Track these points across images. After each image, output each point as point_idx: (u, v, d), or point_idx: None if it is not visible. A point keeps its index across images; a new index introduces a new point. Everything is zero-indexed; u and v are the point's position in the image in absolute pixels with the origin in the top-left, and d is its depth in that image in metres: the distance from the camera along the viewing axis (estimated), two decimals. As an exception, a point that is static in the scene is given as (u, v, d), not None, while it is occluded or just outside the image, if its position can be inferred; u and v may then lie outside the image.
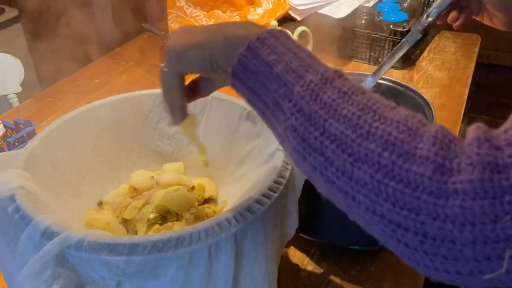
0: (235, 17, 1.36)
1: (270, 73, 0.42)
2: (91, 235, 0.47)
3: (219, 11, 1.35)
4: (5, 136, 0.99)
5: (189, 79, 0.53)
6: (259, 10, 1.36)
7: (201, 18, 1.33)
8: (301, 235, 0.81)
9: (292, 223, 0.61)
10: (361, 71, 1.33)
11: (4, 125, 1.00)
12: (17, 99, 1.45)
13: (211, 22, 1.32)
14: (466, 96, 1.25)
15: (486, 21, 0.82)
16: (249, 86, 0.44)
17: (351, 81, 0.41)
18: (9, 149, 0.95)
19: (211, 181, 0.75)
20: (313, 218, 0.74)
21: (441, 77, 1.33)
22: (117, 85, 1.35)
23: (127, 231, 0.66)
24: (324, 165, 0.39)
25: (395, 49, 0.84)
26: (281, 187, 0.55)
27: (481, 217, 0.32)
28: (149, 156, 0.78)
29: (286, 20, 1.39)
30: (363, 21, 1.39)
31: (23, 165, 0.60)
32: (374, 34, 1.36)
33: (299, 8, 1.37)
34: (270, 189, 0.54)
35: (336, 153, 0.38)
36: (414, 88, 0.86)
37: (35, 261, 0.47)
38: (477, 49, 1.48)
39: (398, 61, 1.30)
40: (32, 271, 0.47)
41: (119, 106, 0.74)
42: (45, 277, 0.46)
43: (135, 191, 0.71)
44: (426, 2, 1.46)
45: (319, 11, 1.37)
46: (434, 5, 0.80)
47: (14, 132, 1.00)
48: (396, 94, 0.88)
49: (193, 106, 0.75)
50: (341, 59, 1.42)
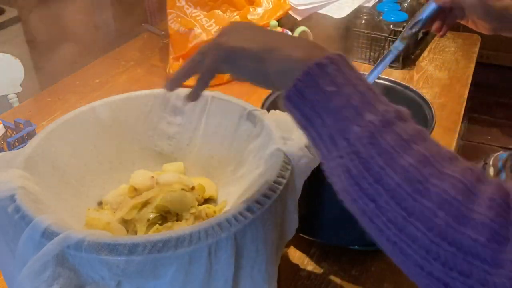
0: (235, 17, 1.36)
1: (327, 106, 0.41)
2: (91, 235, 0.47)
3: (219, 11, 1.35)
4: (5, 136, 0.99)
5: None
6: (259, 10, 1.36)
7: (201, 18, 1.32)
8: (301, 235, 0.81)
9: (292, 223, 0.61)
10: (361, 71, 1.33)
11: (4, 125, 1.00)
12: (17, 99, 1.45)
13: (211, 22, 1.32)
14: (466, 96, 1.25)
15: (471, 26, 0.82)
16: (303, 113, 0.43)
17: (412, 122, 0.40)
18: (9, 149, 0.95)
19: (211, 181, 0.75)
20: (313, 218, 0.74)
21: (441, 77, 1.33)
22: (117, 85, 1.35)
23: (127, 231, 0.66)
24: (375, 212, 0.38)
25: (379, 60, 0.83)
26: (281, 187, 0.55)
27: None
28: (149, 156, 0.78)
29: (286, 20, 1.39)
30: (363, 21, 1.39)
31: (23, 165, 0.60)
32: (374, 34, 1.36)
33: (299, 8, 1.37)
34: (270, 189, 0.54)
35: (389, 204, 0.37)
36: (414, 88, 0.86)
37: (35, 261, 0.47)
38: (477, 49, 1.48)
39: (398, 61, 1.30)
40: (32, 271, 0.47)
41: (119, 106, 0.74)
42: (45, 277, 0.46)
43: (135, 191, 0.71)
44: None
45: (319, 11, 1.37)
46: (418, 15, 0.80)
47: (14, 132, 1.00)
48: (396, 94, 0.88)
49: (193, 106, 0.75)
50: (341, 59, 1.42)
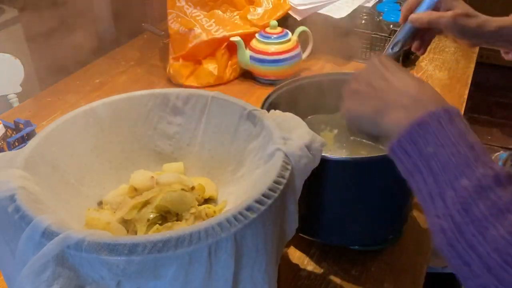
0: (235, 17, 1.36)
1: (427, 165, 0.44)
2: (91, 235, 0.47)
3: (219, 11, 1.35)
4: (5, 136, 0.99)
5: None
6: (259, 10, 1.36)
7: (201, 18, 1.32)
8: (301, 235, 0.81)
9: (292, 223, 0.61)
10: (361, 71, 1.33)
11: (4, 125, 1.00)
12: (17, 99, 1.45)
13: (211, 22, 1.32)
14: (466, 96, 1.25)
15: (451, 40, 0.83)
16: (406, 167, 0.47)
17: (510, 188, 0.41)
18: (9, 149, 0.95)
19: (211, 181, 0.75)
20: (313, 218, 0.74)
21: (441, 77, 1.33)
22: (117, 85, 1.35)
23: (127, 231, 0.66)
24: (468, 275, 0.40)
25: None
26: (281, 187, 0.55)
27: None
28: (149, 156, 0.78)
29: (286, 20, 1.39)
30: (363, 21, 1.39)
31: (23, 165, 0.60)
32: (374, 34, 1.36)
33: (299, 8, 1.37)
34: (270, 189, 0.54)
35: (481, 270, 0.39)
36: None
37: (35, 261, 0.47)
38: (477, 49, 1.48)
39: (398, 61, 1.30)
40: (32, 271, 0.47)
41: (119, 106, 0.74)
42: (45, 277, 0.46)
43: (135, 191, 0.71)
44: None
45: (319, 11, 1.37)
46: (396, 36, 0.81)
47: (14, 132, 1.01)
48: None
49: (193, 106, 0.75)
50: (341, 59, 1.42)
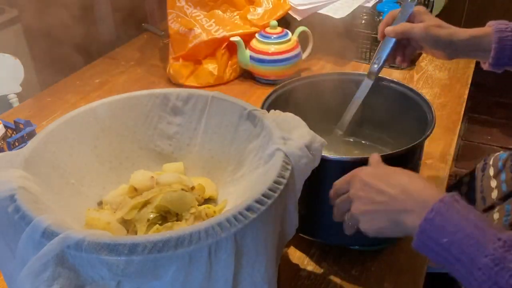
0: (235, 17, 1.36)
1: (448, 255, 0.51)
2: (91, 235, 0.47)
3: (219, 11, 1.35)
4: (5, 136, 0.99)
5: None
6: (259, 10, 1.36)
7: (201, 18, 1.32)
8: (301, 235, 0.81)
9: (292, 223, 0.61)
10: (361, 71, 1.33)
11: (4, 125, 1.00)
12: (17, 99, 1.45)
13: (211, 22, 1.32)
14: (466, 96, 1.25)
15: (430, 55, 0.88)
16: (435, 259, 0.52)
17: None
18: (9, 149, 0.95)
19: (211, 181, 0.75)
20: (313, 218, 0.74)
21: (441, 77, 1.33)
22: (117, 85, 1.35)
23: (127, 231, 0.66)
24: None
25: (353, 98, 0.88)
26: (281, 187, 0.55)
27: None
28: (149, 156, 0.78)
29: (286, 20, 1.39)
30: (363, 21, 1.39)
31: (23, 165, 0.60)
32: (374, 34, 1.36)
33: (299, 8, 1.37)
34: (270, 189, 0.54)
35: None
36: (414, 89, 0.86)
37: (35, 261, 0.47)
38: (477, 49, 1.48)
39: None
40: (32, 271, 0.47)
41: (119, 106, 0.74)
42: (45, 277, 0.46)
43: (135, 191, 0.71)
44: (426, 2, 1.46)
45: (319, 11, 1.37)
46: (377, 52, 0.87)
47: (14, 132, 1.01)
48: (396, 94, 0.88)
49: (193, 106, 0.75)
50: (341, 59, 1.42)
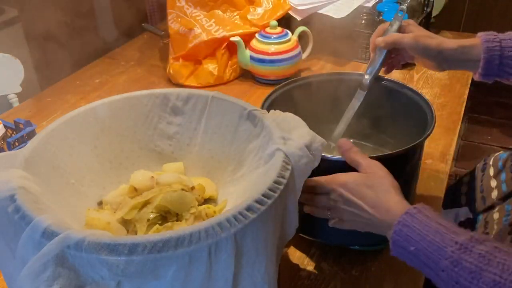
0: (235, 17, 1.36)
1: (417, 261, 0.57)
2: (91, 235, 0.47)
3: (219, 11, 1.35)
4: (5, 136, 0.99)
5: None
6: (259, 10, 1.36)
7: (201, 18, 1.32)
8: (301, 235, 0.81)
9: (292, 223, 0.61)
10: (361, 71, 1.33)
11: (4, 125, 1.00)
12: (17, 99, 1.45)
13: (211, 22, 1.32)
14: (466, 96, 1.25)
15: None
16: (408, 263, 0.59)
17: (480, 247, 0.53)
18: (9, 149, 0.95)
19: (211, 181, 0.75)
20: (313, 218, 0.74)
21: (441, 77, 1.33)
22: (117, 85, 1.35)
23: (127, 231, 0.66)
24: None
25: (346, 110, 0.88)
26: (281, 187, 0.55)
27: None
28: (149, 156, 0.78)
29: (286, 20, 1.39)
30: (363, 21, 1.39)
31: (23, 165, 0.60)
32: (374, 34, 1.36)
33: (299, 8, 1.37)
34: (270, 189, 0.54)
35: None
36: (414, 88, 0.86)
37: (35, 261, 0.47)
38: (477, 49, 1.48)
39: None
40: (32, 271, 0.47)
41: (119, 106, 0.74)
42: (45, 277, 0.46)
43: (135, 191, 0.71)
44: (426, 2, 1.46)
45: (319, 11, 1.37)
46: (370, 64, 0.88)
47: (14, 132, 1.01)
48: (396, 94, 0.88)
49: (193, 106, 0.75)
50: (341, 59, 1.42)
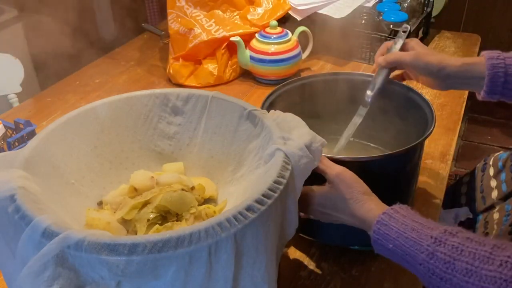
0: (235, 17, 1.36)
1: (397, 257, 0.59)
2: (91, 235, 0.47)
3: (219, 11, 1.35)
4: (5, 136, 0.99)
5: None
6: (259, 10, 1.36)
7: (201, 18, 1.32)
8: (301, 235, 0.81)
9: (292, 223, 0.61)
10: (361, 71, 1.33)
11: (4, 125, 1.00)
12: (17, 99, 1.45)
13: (211, 22, 1.32)
14: (466, 96, 1.25)
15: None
16: (391, 259, 0.61)
17: (454, 240, 0.54)
18: (9, 149, 0.95)
19: (211, 181, 0.75)
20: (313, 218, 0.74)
21: (441, 77, 1.33)
22: (117, 85, 1.35)
23: (127, 231, 0.66)
24: None
25: (347, 126, 0.88)
26: (281, 187, 0.55)
27: None
28: (149, 156, 0.78)
29: (286, 20, 1.39)
30: (363, 21, 1.39)
31: (23, 165, 0.60)
32: (374, 34, 1.36)
33: (299, 8, 1.37)
34: (270, 189, 0.54)
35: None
36: (414, 88, 0.86)
37: (35, 261, 0.47)
38: (477, 49, 1.48)
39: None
40: (32, 271, 0.47)
41: (119, 106, 0.75)
42: (45, 277, 0.46)
43: (135, 191, 0.71)
44: (426, 2, 1.46)
45: (319, 11, 1.37)
46: (372, 81, 0.88)
47: (14, 132, 1.00)
48: (396, 94, 0.88)
49: (193, 106, 0.75)
50: (341, 59, 1.42)
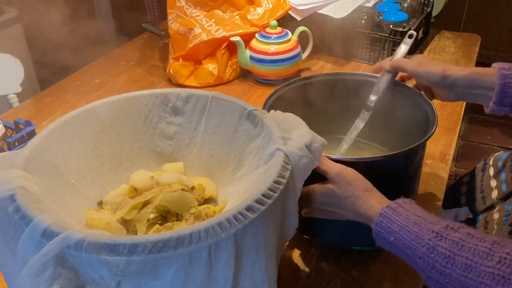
0: (235, 17, 1.36)
1: (397, 250, 0.60)
2: (91, 235, 0.47)
3: (219, 11, 1.35)
4: (5, 136, 0.99)
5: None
6: (259, 10, 1.36)
7: (201, 18, 1.32)
8: (301, 235, 0.81)
9: (292, 223, 0.61)
10: (361, 71, 1.33)
11: (4, 125, 1.00)
12: (17, 99, 1.45)
13: (211, 22, 1.32)
14: (466, 96, 1.25)
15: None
16: (392, 252, 0.61)
17: (455, 235, 0.55)
18: (9, 149, 0.95)
19: (211, 181, 0.75)
20: (313, 218, 0.74)
21: (441, 77, 1.33)
22: (117, 85, 1.35)
23: (127, 231, 0.66)
24: None
25: (350, 130, 0.87)
26: (281, 187, 0.55)
27: None
28: (149, 156, 0.78)
29: (286, 20, 1.39)
30: (363, 21, 1.39)
31: (23, 165, 0.60)
32: (374, 34, 1.36)
33: (299, 8, 1.37)
34: (270, 189, 0.54)
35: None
36: (414, 88, 0.86)
37: (35, 261, 0.47)
38: (477, 49, 1.48)
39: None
40: (32, 271, 0.47)
41: (119, 106, 0.75)
42: (45, 277, 0.46)
43: (135, 191, 0.71)
44: (426, 2, 1.46)
45: (319, 11, 1.37)
46: (375, 86, 0.87)
47: (14, 132, 1.01)
48: (397, 94, 0.88)
49: (193, 106, 0.75)
50: (341, 59, 1.42)
